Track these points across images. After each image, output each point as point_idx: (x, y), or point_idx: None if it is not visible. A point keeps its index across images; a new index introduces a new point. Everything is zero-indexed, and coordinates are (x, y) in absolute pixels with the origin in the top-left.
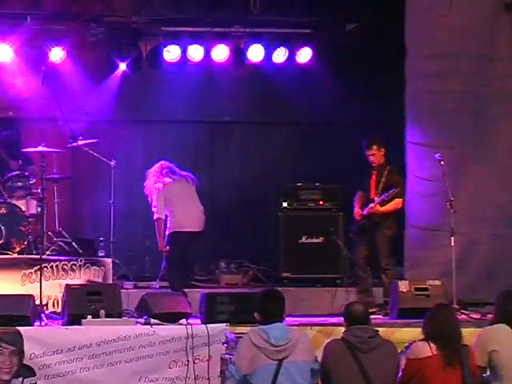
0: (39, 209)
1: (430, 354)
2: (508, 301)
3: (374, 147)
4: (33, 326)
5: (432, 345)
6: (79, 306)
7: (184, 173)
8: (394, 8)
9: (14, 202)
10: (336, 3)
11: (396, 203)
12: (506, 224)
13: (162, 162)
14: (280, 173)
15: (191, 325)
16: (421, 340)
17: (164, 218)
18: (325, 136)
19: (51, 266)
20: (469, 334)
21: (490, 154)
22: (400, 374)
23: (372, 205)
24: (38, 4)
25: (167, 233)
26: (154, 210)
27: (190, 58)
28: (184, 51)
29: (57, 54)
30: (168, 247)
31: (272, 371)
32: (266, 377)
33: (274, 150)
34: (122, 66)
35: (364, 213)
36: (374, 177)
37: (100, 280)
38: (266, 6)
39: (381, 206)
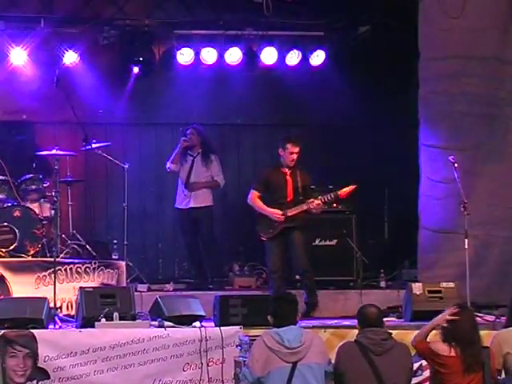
0: (53, 212)
1: (453, 355)
2: None
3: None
4: (47, 328)
5: (453, 347)
6: (93, 308)
7: None
8: (406, 10)
9: (27, 204)
10: (349, 6)
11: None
12: None
13: None
14: None
15: (205, 327)
16: (441, 341)
17: None
18: (338, 138)
19: (65, 269)
20: (483, 336)
21: (503, 156)
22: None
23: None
24: (51, 7)
25: None
26: None
27: (203, 61)
28: (197, 54)
29: (70, 58)
30: None
31: (286, 374)
32: (280, 379)
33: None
34: (135, 69)
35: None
36: (288, 177)
37: (114, 283)
38: (279, 9)
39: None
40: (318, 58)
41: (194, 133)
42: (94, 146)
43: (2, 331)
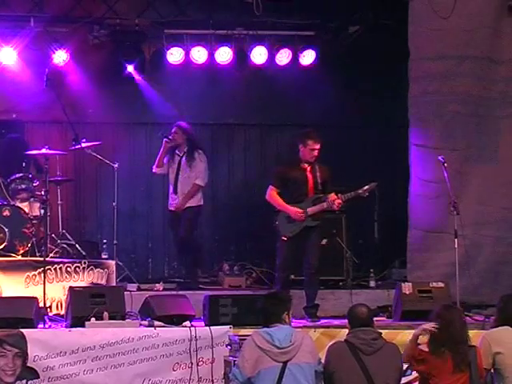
0: (43, 211)
1: (441, 355)
2: (508, 306)
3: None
4: (36, 328)
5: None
6: (83, 308)
7: None
8: (397, 10)
9: (17, 204)
10: (339, 5)
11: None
12: (509, 226)
13: None
14: None
15: (195, 327)
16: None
17: None
18: (328, 138)
19: (55, 269)
20: (472, 335)
21: (494, 157)
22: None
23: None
24: (42, 7)
25: None
26: None
27: (193, 61)
28: (187, 53)
29: (60, 57)
30: None
31: (276, 373)
32: (270, 379)
33: (278, 151)
34: (130, 68)
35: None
36: (309, 173)
37: (103, 282)
38: (269, 9)
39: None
40: (308, 57)
41: (177, 131)
42: (83, 145)
43: None
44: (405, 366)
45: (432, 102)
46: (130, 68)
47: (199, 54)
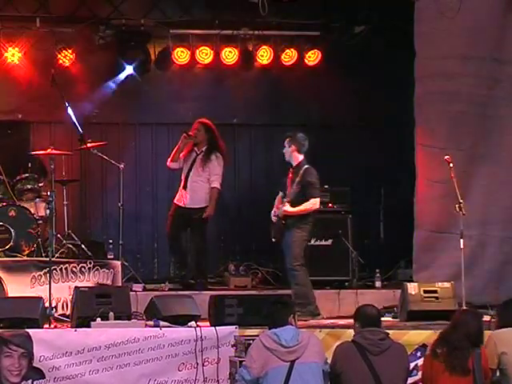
0: (48, 211)
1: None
2: (508, 312)
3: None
4: (42, 328)
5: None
6: (88, 308)
7: None
8: (402, 10)
9: (23, 204)
10: (345, 6)
11: (311, 204)
12: None
13: None
14: None
15: (200, 327)
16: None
17: None
18: (333, 138)
19: (60, 269)
20: None
21: (499, 156)
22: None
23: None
24: (47, 7)
25: None
26: None
27: (198, 61)
28: (193, 54)
29: (66, 57)
30: None
31: (284, 373)
32: (278, 378)
33: (283, 152)
34: (129, 69)
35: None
36: (290, 175)
37: (109, 282)
38: (275, 9)
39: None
40: (313, 57)
41: (200, 129)
42: (89, 145)
43: None
44: (411, 366)
45: (437, 101)
46: (134, 68)
47: (204, 54)
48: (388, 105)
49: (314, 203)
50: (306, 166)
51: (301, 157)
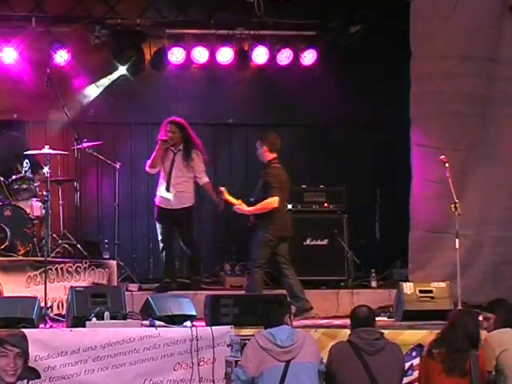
0: (44, 211)
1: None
2: (504, 310)
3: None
4: (37, 328)
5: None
6: (84, 308)
7: None
8: (399, 10)
9: (18, 204)
10: (340, 5)
11: (267, 203)
12: (511, 226)
13: None
14: None
15: (196, 327)
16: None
17: None
18: (329, 138)
19: (56, 269)
20: None
21: (495, 156)
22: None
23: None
24: (43, 6)
25: None
26: None
27: (194, 60)
28: (188, 53)
29: (61, 57)
30: None
31: (279, 373)
32: (273, 378)
33: (278, 151)
34: (122, 69)
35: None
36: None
37: (105, 282)
38: (270, 9)
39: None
40: (309, 57)
41: (175, 130)
42: (85, 145)
43: None
44: (407, 366)
45: (433, 101)
46: (128, 68)
47: (200, 54)
48: (384, 104)
49: (270, 202)
50: (273, 165)
51: (271, 156)
